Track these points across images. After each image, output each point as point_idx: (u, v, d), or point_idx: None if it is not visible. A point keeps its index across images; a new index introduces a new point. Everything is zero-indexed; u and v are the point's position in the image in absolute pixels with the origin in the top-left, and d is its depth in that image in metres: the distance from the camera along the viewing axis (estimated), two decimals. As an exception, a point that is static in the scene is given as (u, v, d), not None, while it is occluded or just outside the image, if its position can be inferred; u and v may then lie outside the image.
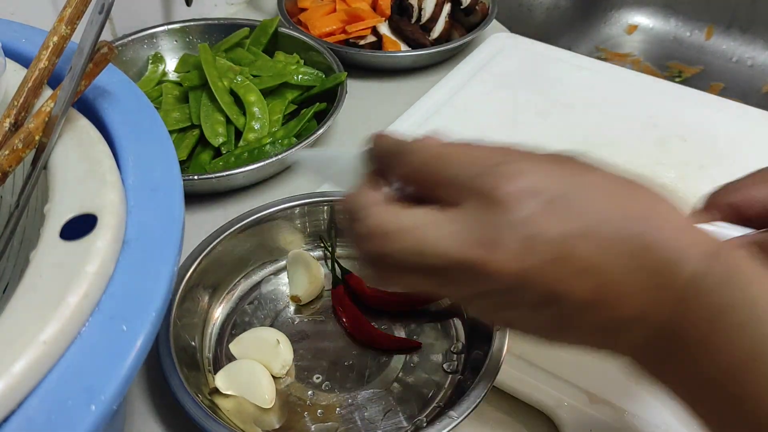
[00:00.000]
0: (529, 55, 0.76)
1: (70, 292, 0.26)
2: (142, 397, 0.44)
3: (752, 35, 1.06)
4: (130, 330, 0.26)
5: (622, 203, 0.30)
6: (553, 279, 0.29)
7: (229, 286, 0.49)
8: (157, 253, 0.29)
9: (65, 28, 0.35)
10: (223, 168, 0.59)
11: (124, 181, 0.32)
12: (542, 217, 0.29)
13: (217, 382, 0.43)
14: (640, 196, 0.30)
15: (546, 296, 0.29)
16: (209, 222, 0.50)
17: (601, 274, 0.29)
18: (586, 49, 1.10)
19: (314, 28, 0.76)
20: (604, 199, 0.30)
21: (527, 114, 0.68)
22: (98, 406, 0.24)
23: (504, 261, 0.28)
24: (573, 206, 0.29)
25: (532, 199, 0.29)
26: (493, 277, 0.29)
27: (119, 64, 0.66)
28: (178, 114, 0.63)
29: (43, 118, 0.33)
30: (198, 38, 0.72)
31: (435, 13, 0.78)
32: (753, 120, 0.67)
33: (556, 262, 0.28)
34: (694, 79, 1.06)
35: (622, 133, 0.66)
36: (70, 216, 0.29)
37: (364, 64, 0.74)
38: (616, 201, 0.30)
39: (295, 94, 0.66)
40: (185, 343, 0.44)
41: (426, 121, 0.66)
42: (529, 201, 0.29)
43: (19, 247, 0.38)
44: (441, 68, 0.76)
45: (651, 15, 1.12)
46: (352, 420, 0.42)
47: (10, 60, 0.38)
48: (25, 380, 0.24)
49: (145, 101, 0.38)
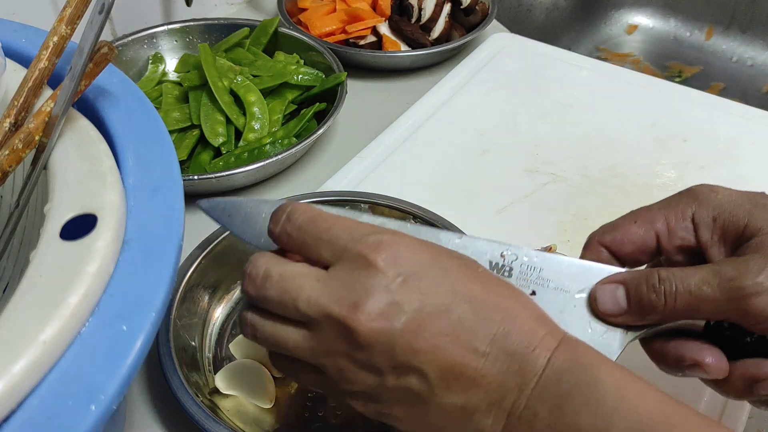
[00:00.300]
0: (529, 55, 0.76)
1: (70, 292, 0.26)
2: (142, 397, 0.44)
3: (752, 35, 1.06)
4: (130, 330, 0.26)
5: (484, 289, 0.32)
6: (409, 349, 0.31)
7: (229, 286, 0.49)
8: (157, 253, 0.29)
9: (65, 28, 0.35)
10: (223, 168, 0.59)
11: (124, 181, 0.32)
12: (406, 286, 0.31)
13: (217, 382, 0.43)
14: (499, 286, 0.33)
15: (404, 364, 0.31)
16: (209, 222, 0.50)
17: (456, 354, 0.31)
18: (586, 49, 1.10)
19: (314, 28, 0.76)
20: (468, 282, 0.32)
21: (527, 114, 0.68)
22: (98, 406, 0.24)
23: (366, 320, 0.31)
24: (438, 282, 0.32)
25: (400, 268, 0.32)
26: (354, 334, 0.31)
27: (119, 64, 0.66)
28: (178, 114, 0.63)
29: (43, 118, 0.33)
30: (198, 38, 0.72)
31: (435, 13, 0.78)
32: (753, 120, 0.67)
33: (414, 332, 0.31)
34: (694, 79, 1.06)
35: (622, 133, 0.66)
36: (70, 216, 0.29)
37: (364, 64, 0.74)
38: (478, 285, 0.32)
39: (295, 94, 0.66)
40: (185, 343, 0.44)
41: (426, 120, 0.66)
42: (398, 269, 0.32)
43: (19, 247, 0.38)
44: (441, 68, 0.76)
45: (651, 15, 1.12)
46: (353, 419, 0.42)
47: (10, 60, 0.38)
48: (25, 380, 0.24)
49: (145, 101, 0.38)
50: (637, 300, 0.34)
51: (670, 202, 0.38)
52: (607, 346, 0.35)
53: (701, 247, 0.36)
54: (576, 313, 0.36)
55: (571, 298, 0.36)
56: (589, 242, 0.39)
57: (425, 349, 0.31)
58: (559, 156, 0.63)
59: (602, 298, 0.35)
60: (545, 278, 0.37)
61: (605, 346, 0.35)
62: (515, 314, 0.32)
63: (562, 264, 0.37)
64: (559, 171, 0.61)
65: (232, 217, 0.39)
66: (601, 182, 0.60)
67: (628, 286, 0.35)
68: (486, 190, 0.59)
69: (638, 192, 0.59)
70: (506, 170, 0.61)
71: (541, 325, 0.32)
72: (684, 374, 0.35)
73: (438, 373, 0.31)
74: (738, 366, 0.34)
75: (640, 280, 0.35)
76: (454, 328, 0.31)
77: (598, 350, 0.32)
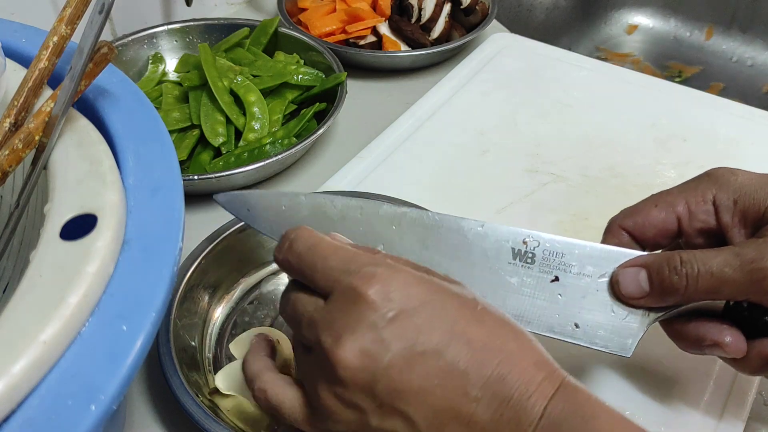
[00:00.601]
0: (529, 55, 0.76)
1: (70, 292, 0.26)
2: (142, 397, 0.44)
3: (752, 35, 1.06)
4: (130, 330, 0.26)
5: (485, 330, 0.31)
6: (392, 389, 0.30)
7: (229, 286, 0.49)
8: (157, 253, 0.29)
9: (65, 28, 0.35)
10: (223, 168, 0.59)
11: (124, 181, 0.32)
12: (396, 323, 0.30)
13: (217, 382, 0.43)
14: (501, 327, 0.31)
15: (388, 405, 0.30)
16: (209, 222, 0.50)
17: (445, 398, 0.29)
18: (586, 49, 1.10)
19: (314, 28, 0.76)
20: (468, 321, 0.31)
21: (527, 114, 0.68)
22: (98, 406, 0.24)
23: (347, 357, 0.30)
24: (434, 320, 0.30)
25: (392, 303, 0.30)
26: (336, 369, 0.30)
27: (119, 64, 0.66)
28: (178, 114, 0.63)
29: (43, 118, 0.33)
30: (198, 38, 0.72)
31: (435, 13, 0.78)
32: (753, 120, 0.67)
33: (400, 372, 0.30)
34: (694, 79, 1.06)
35: (622, 133, 0.66)
36: (70, 216, 0.29)
37: (364, 64, 0.74)
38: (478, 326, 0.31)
39: (295, 94, 0.66)
40: (185, 343, 0.44)
41: (426, 120, 0.66)
42: (389, 304, 0.30)
43: (19, 247, 0.38)
44: (441, 68, 0.76)
45: (651, 15, 1.12)
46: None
47: (10, 60, 0.38)
48: (25, 380, 0.24)
49: (145, 101, 0.38)
50: (660, 282, 0.35)
51: (691, 185, 0.38)
52: (630, 329, 0.36)
53: (722, 229, 0.37)
54: (598, 298, 0.37)
55: (594, 282, 0.37)
56: (610, 227, 0.40)
57: (411, 390, 0.29)
58: (559, 156, 0.63)
59: (624, 281, 0.36)
60: (567, 263, 0.37)
61: (628, 329, 0.36)
62: (515, 359, 0.30)
63: (584, 249, 0.37)
64: (559, 171, 0.61)
65: (252, 211, 0.38)
66: (601, 182, 0.60)
67: (650, 269, 0.35)
68: (486, 190, 0.59)
69: (638, 192, 0.59)
70: (506, 170, 0.61)
71: (539, 369, 0.30)
72: (703, 353, 0.36)
73: (426, 418, 0.29)
74: (756, 345, 0.35)
75: (662, 263, 0.35)
76: (445, 369, 0.29)
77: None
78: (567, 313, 0.37)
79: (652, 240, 0.39)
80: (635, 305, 0.36)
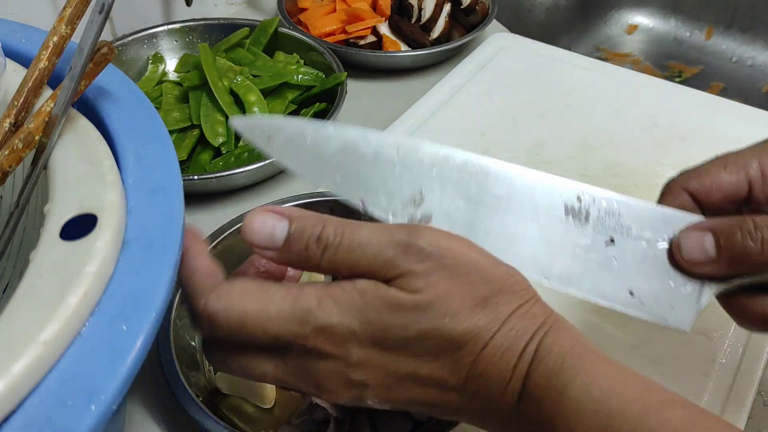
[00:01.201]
0: (529, 55, 0.76)
1: (70, 292, 0.26)
2: (142, 397, 0.44)
3: (752, 35, 1.06)
4: (130, 330, 0.26)
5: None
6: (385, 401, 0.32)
7: (229, 286, 0.49)
8: (157, 253, 0.29)
9: (65, 28, 0.35)
10: (223, 168, 0.59)
11: (124, 181, 0.32)
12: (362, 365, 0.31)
13: (217, 382, 0.43)
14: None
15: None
16: (209, 222, 0.50)
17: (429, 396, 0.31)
18: (586, 49, 1.10)
19: (314, 28, 0.76)
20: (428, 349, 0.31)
21: (527, 114, 0.68)
22: (98, 406, 0.24)
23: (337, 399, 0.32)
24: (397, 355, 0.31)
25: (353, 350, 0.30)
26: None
27: (119, 64, 0.66)
28: (178, 114, 0.63)
29: (43, 118, 0.33)
30: (198, 38, 0.72)
31: (435, 13, 0.78)
32: (753, 120, 0.67)
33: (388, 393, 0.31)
34: (694, 79, 1.05)
35: (622, 133, 0.66)
36: (70, 216, 0.29)
37: (364, 64, 0.74)
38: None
39: (295, 94, 0.66)
40: (185, 343, 0.44)
41: (426, 120, 0.66)
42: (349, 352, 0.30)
43: (19, 247, 0.38)
44: (441, 68, 0.76)
45: (651, 15, 1.12)
46: (355, 419, 0.42)
47: (10, 60, 0.38)
48: (25, 380, 0.24)
49: (145, 101, 0.38)
50: (729, 247, 0.32)
51: (765, 146, 0.36)
52: (689, 300, 0.33)
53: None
54: (656, 265, 0.34)
55: (653, 247, 0.34)
56: (670, 188, 0.37)
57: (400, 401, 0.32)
58: (559, 156, 0.63)
59: (687, 245, 0.33)
60: (625, 225, 0.34)
61: (687, 300, 0.33)
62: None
63: (644, 210, 0.34)
64: (559, 171, 0.61)
65: (272, 139, 0.35)
66: (601, 182, 0.60)
67: (719, 233, 0.33)
68: (486, 190, 0.59)
69: (638, 192, 0.59)
70: (506, 170, 0.61)
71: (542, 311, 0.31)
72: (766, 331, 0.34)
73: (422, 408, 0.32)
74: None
75: (733, 227, 0.32)
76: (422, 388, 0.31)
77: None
78: (622, 278, 0.34)
79: (717, 204, 0.35)
80: (697, 273, 0.33)
